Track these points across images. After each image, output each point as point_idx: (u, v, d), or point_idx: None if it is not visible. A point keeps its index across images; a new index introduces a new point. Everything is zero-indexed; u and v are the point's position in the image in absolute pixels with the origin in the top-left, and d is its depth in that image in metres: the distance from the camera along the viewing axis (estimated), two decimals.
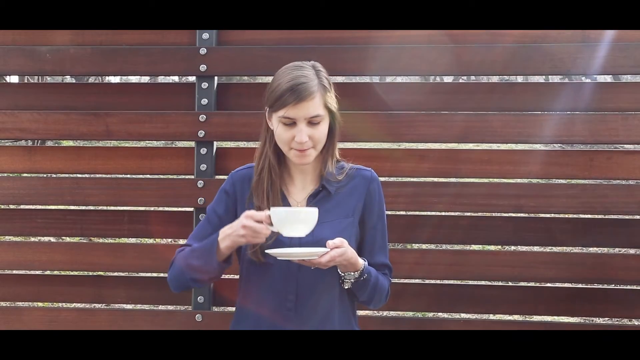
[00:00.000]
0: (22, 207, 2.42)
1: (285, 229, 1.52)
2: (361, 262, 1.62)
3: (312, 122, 1.60)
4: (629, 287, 2.17)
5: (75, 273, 2.43)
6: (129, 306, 2.43)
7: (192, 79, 2.29)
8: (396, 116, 2.22)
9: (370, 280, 1.65)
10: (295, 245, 1.64)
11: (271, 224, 1.53)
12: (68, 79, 8.62)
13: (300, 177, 1.72)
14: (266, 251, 1.53)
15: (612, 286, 2.19)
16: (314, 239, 1.63)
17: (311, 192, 1.70)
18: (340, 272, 1.63)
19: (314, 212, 1.55)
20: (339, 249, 1.54)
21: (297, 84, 1.59)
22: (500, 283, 2.32)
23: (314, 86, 1.60)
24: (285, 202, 1.69)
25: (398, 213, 2.27)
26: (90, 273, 2.47)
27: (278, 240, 1.64)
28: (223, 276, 2.32)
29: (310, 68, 1.64)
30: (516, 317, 2.29)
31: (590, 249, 3.07)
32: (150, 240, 3.68)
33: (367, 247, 1.73)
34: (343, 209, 1.69)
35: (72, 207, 2.39)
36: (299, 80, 1.59)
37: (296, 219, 1.52)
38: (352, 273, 1.62)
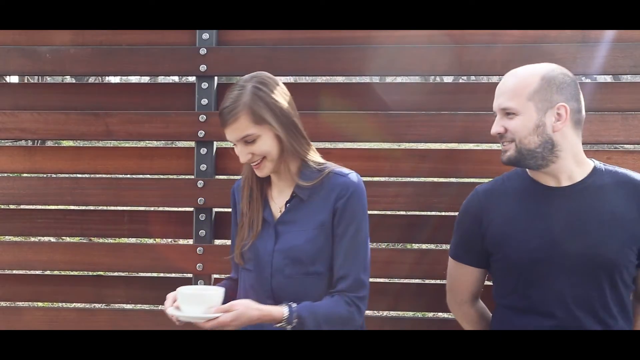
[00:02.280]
0: (22, 207, 2.42)
1: (188, 309, 1.54)
2: (279, 314, 1.57)
3: (246, 141, 1.62)
4: None
5: (75, 273, 2.43)
6: (129, 306, 2.44)
7: (192, 79, 2.29)
8: (396, 116, 2.22)
9: (306, 322, 1.59)
10: (268, 254, 1.68)
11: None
12: (68, 79, 8.63)
13: (278, 182, 1.74)
14: (166, 311, 1.57)
15: None
16: (286, 247, 1.67)
17: (287, 199, 1.72)
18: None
19: (217, 295, 1.56)
20: (229, 314, 1.51)
21: (221, 109, 1.63)
22: None
23: (237, 107, 1.59)
24: (266, 208, 1.74)
25: (398, 213, 2.28)
26: (90, 273, 2.47)
27: (254, 246, 1.71)
28: (223, 276, 2.33)
29: (243, 85, 1.63)
30: None
31: None
32: (150, 240, 3.68)
33: (335, 258, 1.67)
34: (315, 218, 1.68)
35: (72, 207, 2.39)
36: (224, 104, 1.63)
37: (198, 301, 1.54)
38: (279, 324, 1.58)
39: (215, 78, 2.28)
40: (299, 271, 1.67)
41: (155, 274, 2.43)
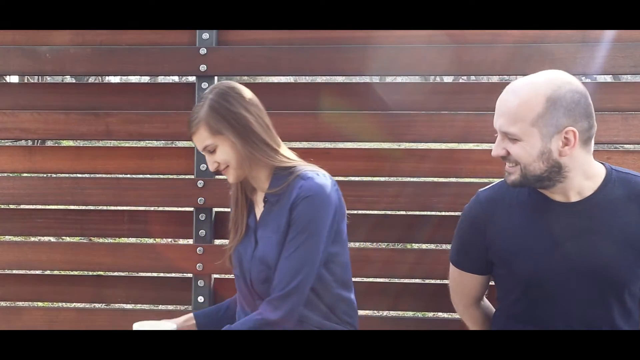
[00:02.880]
0: (22, 207, 2.42)
1: None
2: None
3: (208, 150, 1.71)
4: None
5: (75, 273, 2.43)
6: (129, 306, 2.43)
7: (192, 79, 2.29)
8: (396, 116, 2.22)
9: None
10: (248, 260, 1.74)
11: None
12: (68, 79, 8.63)
13: (257, 187, 1.78)
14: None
15: None
16: (260, 253, 1.72)
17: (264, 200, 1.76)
18: None
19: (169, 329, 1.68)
20: None
21: (188, 121, 1.74)
22: None
23: (196, 119, 1.70)
24: (252, 213, 1.79)
25: (398, 213, 2.28)
26: (90, 273, 2.47)
27: (237, 252, 1.78)
28: (223, 276, 2.34)
29: (205, 97, 1.71)
30: None
31: None
32: (150, 240, 3.68)
33: (276, 272, 1.67)
34: (280, 224, 1.69)
35: (72, 207, 2.39)
36: (189, 116, 1.73)
37: None
38: None
39: (215, 78, 2.28)
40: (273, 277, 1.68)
41: (155, 274, 2.43)
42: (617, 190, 1.57)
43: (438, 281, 2.28)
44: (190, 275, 2.28)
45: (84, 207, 2.51)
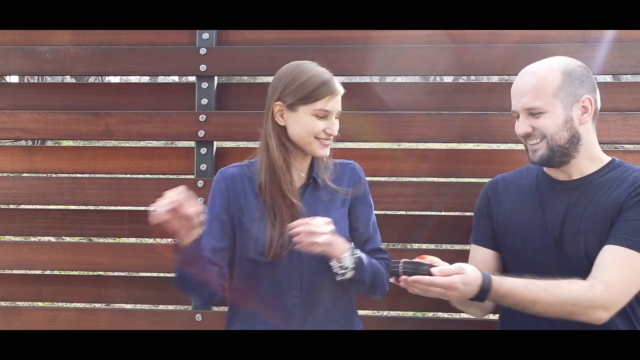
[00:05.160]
0: (22, 207, 2.42)
1: None
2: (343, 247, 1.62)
3: (337, 115, 1.72)
4: None
5: (75, 273, 2.43)
6: (129, 306, 2.43)
7: (192, 79, 2.30)
8: (396, 116, 2.22)
9: (363, 259, 1.66)
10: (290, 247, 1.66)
11: None
12: (68, 79, 8.62)
13: (296, 172, 1.74)
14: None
15: None
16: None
17: (301, 184, 1.74)
18: (337, 266, 1.61)
19: None
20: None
21: (330, 79, 1.69)
22: None
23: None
24: (288, 204, 1.73)
25: (398, 213, 2.27)
26: (90, 273, 2.47)
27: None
28: None
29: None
30: None
31: None
32: (150, 240, 3.68)
33: (363, 235, 1.80)
34: (334, 201, 1.74)
35: (72, 207, 2.39)
36: (329, 75, 1.70)
37: None
38: (345, 256, 1.61)
39: (215, 78, 2.28)
40: None
41: (155, 274, 2.43)
42: (615, 173, 1.67)
43: None
44: None
45: (84, 207, 2.51)
